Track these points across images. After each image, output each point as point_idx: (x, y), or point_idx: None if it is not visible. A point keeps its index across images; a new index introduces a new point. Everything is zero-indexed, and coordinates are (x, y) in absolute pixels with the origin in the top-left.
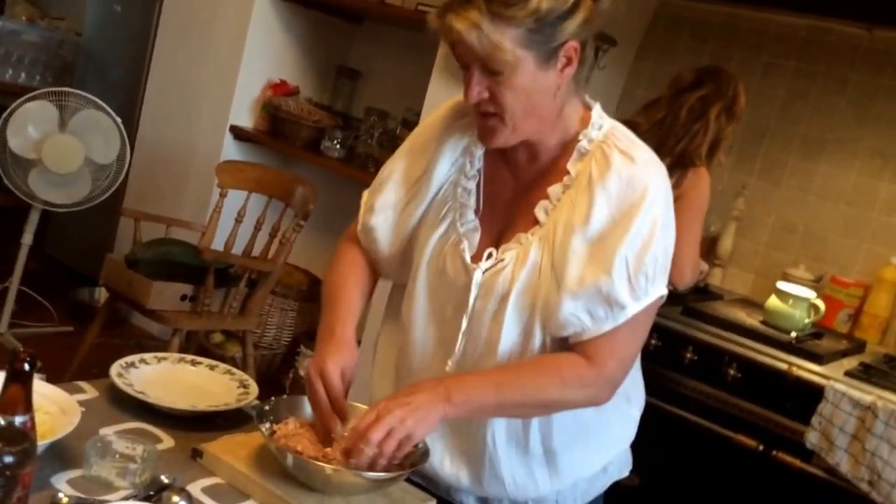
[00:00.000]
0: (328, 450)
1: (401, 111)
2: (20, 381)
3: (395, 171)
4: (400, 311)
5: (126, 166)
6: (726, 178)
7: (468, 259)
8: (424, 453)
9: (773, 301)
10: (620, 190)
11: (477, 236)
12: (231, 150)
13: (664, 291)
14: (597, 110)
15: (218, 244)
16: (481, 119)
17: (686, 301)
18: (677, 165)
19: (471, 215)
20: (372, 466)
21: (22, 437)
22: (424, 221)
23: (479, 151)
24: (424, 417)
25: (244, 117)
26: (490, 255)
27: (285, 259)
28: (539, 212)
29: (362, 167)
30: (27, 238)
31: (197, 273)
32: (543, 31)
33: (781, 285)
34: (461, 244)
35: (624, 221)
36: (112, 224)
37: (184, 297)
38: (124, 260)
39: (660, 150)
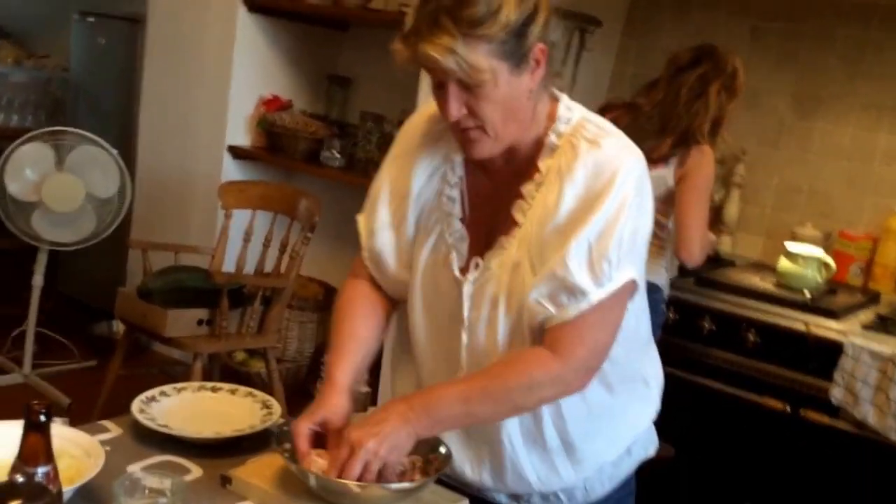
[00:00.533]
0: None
1: (396, 113)
2: (38, 431)
3: (381, 189)
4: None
5: (128, 198)
6: (724, 146)
7: (457, 272)
8: (447, 457)
9: (783, 263)
10: (587, 177)
11: (465, 245)
12: (231, 170)
13: (632, 276)
14: (564, 102)
15: (228, 265)
16: (462, 133)
17: (699, 271)
18: (681, 144)
19: (457, 224)
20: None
21: (42, 492)
22: (417, 235)
23: (459, 157)
24: (395, 444)
25: (241, 136)
26: (477, 265)
27: (297, 273)
28: (517, 213)
29: (364, 173)
30: (38, 280)
31: (210, 296)
32: (513, 40)
33: (790, 246)
34: (450, 256)
35: (589, 207)
36: (122, 256)
37: (200, 322)
38: (136, 292)
39: (664, 130)
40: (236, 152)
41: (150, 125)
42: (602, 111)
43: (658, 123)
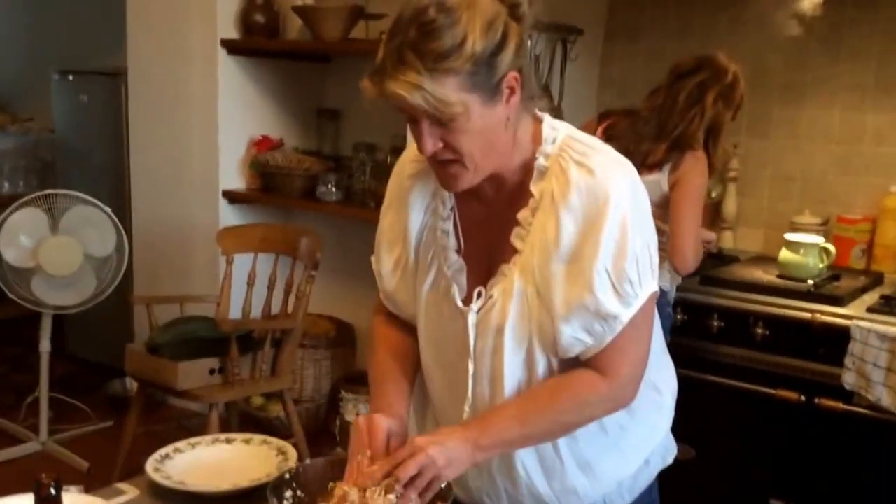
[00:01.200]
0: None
1: (387, 140)
2: None
3: (383, 233)
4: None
5: (126, 254)
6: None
7: (459, 303)
8: (449, 487)
9: (784, 253)
10: (583, 203)
11: (464, 277)
12: (228, 214)
13: (655, 287)
14: (547, 122)
15: (235, 311)
16: (440, 167)
17: (703, 270)
18: (675, 149)
19: (454, 256)
20: None
21: None
22: (417, 272)
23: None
24: (455, 459)
25: (234, 180)
26: (480, 295)
27: (305, 312)
28: (515, 240)
29: (362, 204)
30: (45, 345)
31: (220, 345)
32: (482, 71)
33: (790, 236)
34: (451, 288)
35: (593, 234)
36: (128, 312)
37: (212, 371)
38: (145, 347)
39: (660, 134)
40: (232, 196)
41: (141, 178)
42: (601, 117)
43: (655, 128)
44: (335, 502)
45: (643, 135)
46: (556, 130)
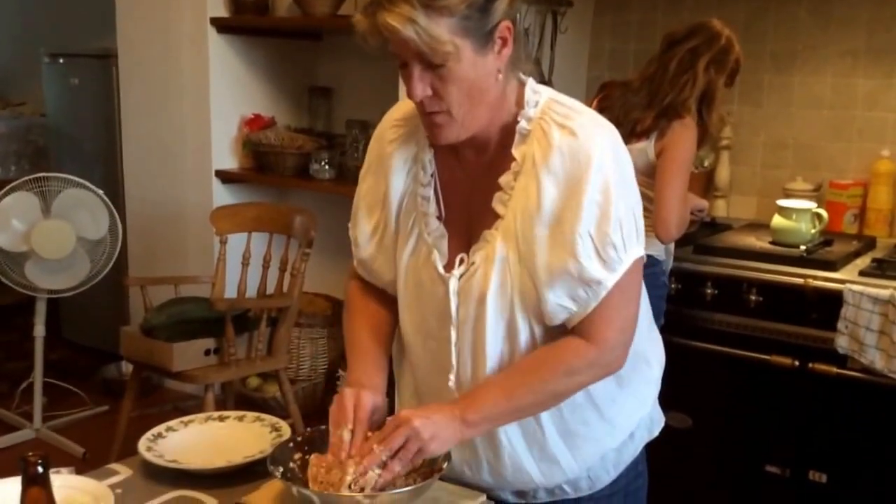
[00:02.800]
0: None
1: (380, 117)
2: (38, 484)
3: (361, 199)
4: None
5: (120, 236)
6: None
7: (441, 269)
8: (447, 457)
9: (777, 219)
10: (565, 166)
11: (445, 243)
12: (222, 194)
13: (641, 253)
14: (530, 85)
15: (230, 291)
16: (428, 118)
17: (696, 238)
18: (663, 116)
19: (434, 223)
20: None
21: None
22: (397, 238)
23: (429, 156)
24: (441, 433)
25: (227, 160)
26: (462, 261)
27: (300, 290)
28: (497, 205)
29: (355, 181)
30: (39, 330)
31: (215, 325)
32: (476, 15)
33: (782, 202)
34: (432, 254)
35: (575, 197)
36: (122, 295)
37: (208, 352)
38: (140, 329)
39: (650, 103)
40: (225, 176)
41: (134, 160)
42: (601, 89)
43: (645, 97)
44: (313, 473)
45: (633, 104)
46: (539, 94)
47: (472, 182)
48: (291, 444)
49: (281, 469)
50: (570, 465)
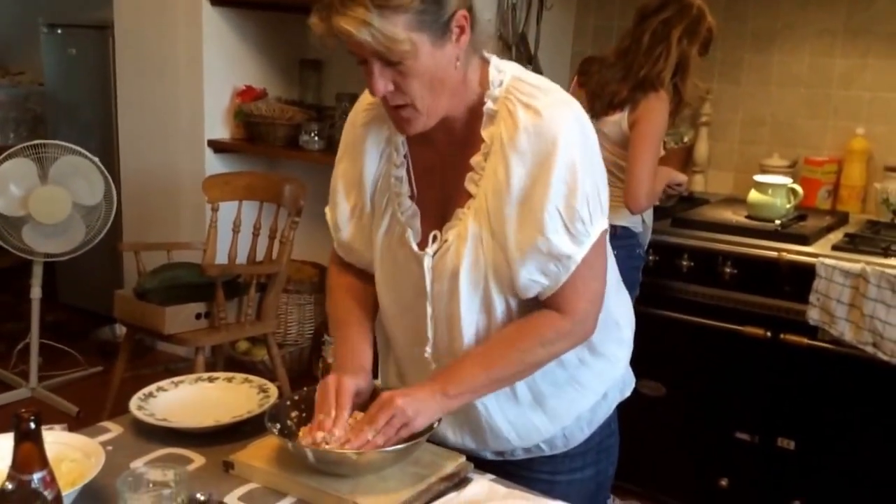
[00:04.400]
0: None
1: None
2: (30, 439)
3: (338, 182)
4: None
5: (115, 203)
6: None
7: (415, 247)
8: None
9: (753, 194)
10: (531, 146)
11: (417, 221)
12: (213, 164)
13: (605, 225)
14: (494, 64)
15: (221, 257)
16: (393, 111)
17: (674, 212)
18: (638, 89)
19: (407, 202)
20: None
21: (34, 496)
22: (373, 218)
23: (401, 138)
24: (423, 409)
25: (219, 130)
26: (435, 238)
27: (289, 257)
28: (469, 184)
29: None
30: (36, 292)
31: (206, 290)
32: (431, 9)
33: (758, 177)
34: (406, 233)
35: (543, 176)
36: (117, 260)
37: (199, 316)
38: (133, 293)
39: (626, 76)
40: (217, 146)
41: (129, 129)
42: (582, 64)
43: (621, 71)
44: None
45: (609, 77)
46: (503, 73)
47: (443, 162)
48: (289, 403)
49: (278, 426)
50: (546, 427)
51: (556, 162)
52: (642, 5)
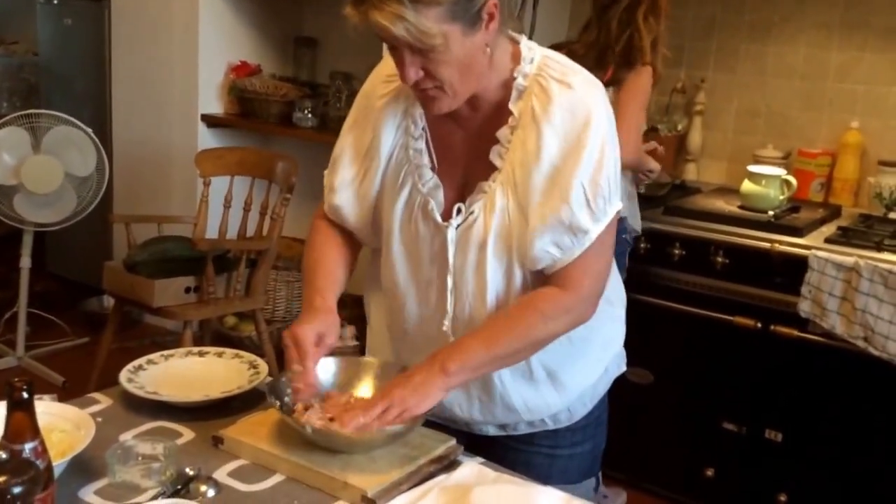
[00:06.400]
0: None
1: (363, 70)
2: (22, 409)
3: (345, 148)
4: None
5: (106, 174)
6: (684, 76)
7: (439, 218)
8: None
9: (746, 184)
10: (565, 120)
11: (440, 193)
12: (206, 138)
13: (620, 205)
14: (524, 43)
15: (211, 232)
16: (421, 93)
17: (666, 200)
18: (623, 65)
19: (429, 174)
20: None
21: (27, 467)
22: (384, 190)
23: (419, 110)
24: (425, 395)
25: (213, 104)
26: (459, 210)
27: (279, 234)
28: (494, 157)
29: (337, 131)
30: (25, 261)
31: (196, 264)
32: (463, 1)
33: (752, 168)
34: (429, 205)
35: (575, 150)
36: (107, 232)
37: (188, 290)
38: (123, 265)
39: (601, 62)
40: (210, 121)
41: (123, 101)
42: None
43: (593, 60)
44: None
45: (585, 66)
46: (533, 51)
47: (466, 135)
48: (284, 379)
49: (278, 403)
50: (555, 402)
51: (588, 138)
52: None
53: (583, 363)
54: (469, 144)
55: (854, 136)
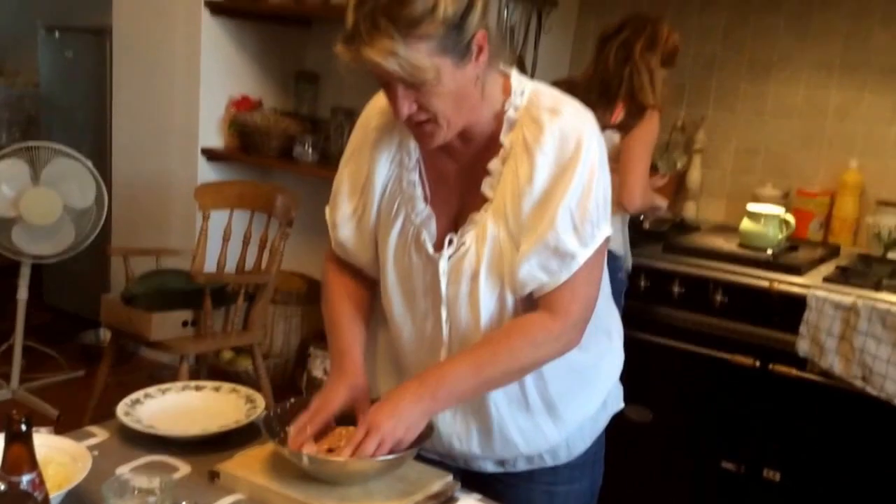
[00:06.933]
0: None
1: (364, 105)
2: (20, 441)
3: (342, 183)
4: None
5: (105, 207)
6: (684, 114)
7: (431, 249)
8: (430, 427)
9: (745, 223)
10: (556, 147)
11: (433, 224)
12: (206, 171)
13: (609, 231)
14: (515, 77)
15: (210, 265)
16: (415, 127)
17: (666, 238)
18: (634, 112)
19: (422, 205)
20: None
21: (25, 498)
22: (380, 222)
23: (413, 142)
24: (411, 423)
25: (213, 138)
26: (451, 241)
27: (278, 268)
28: (485, 188)
29: (337, 166)
30: (23, 293)
31: (194, 297)
32: (453, 34)
33: (751, 206)
34: (421, 236)
35: (564, 176)
36: (105, 264)
37: (185, 323)
38: (120, 297)
39: (604, 96)
40: (210, 154)
41: (123, 133)
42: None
43: (596, 93)
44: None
45: (588, 101)
46: (524, 84)
47: (458, 167)
48: (279, 412)
49: (273, 433)
50: (553, 434)
51: (577, 165)
52: (601, 32)
53: (581, 395)
54: (461, 176)
55: (853, 176)
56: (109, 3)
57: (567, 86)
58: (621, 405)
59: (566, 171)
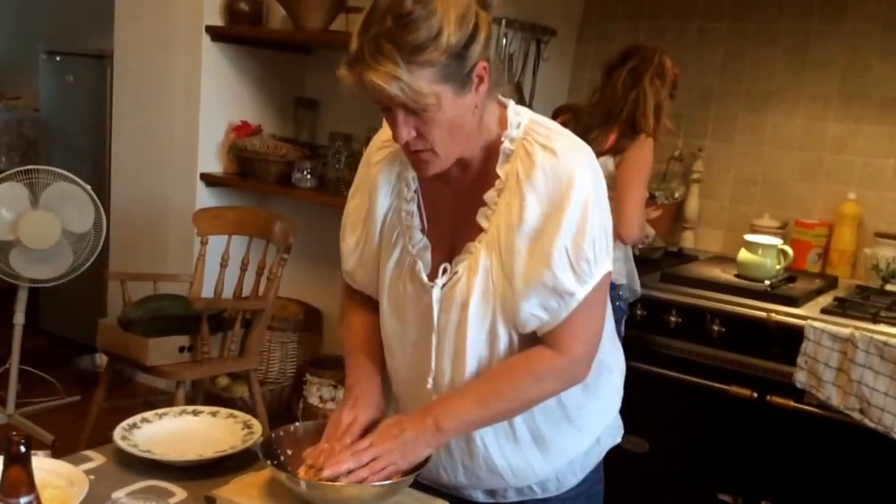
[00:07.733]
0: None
1: (363, 131)
2: (19, 463)
3: (349, 215)
4: None
5: (104, 231)
6: (682, 144)
7: (425, 278)
8: (426, 456)
9: (743, 254)
10: (547, 185)
11: (428, 254)
12: (205, 197)
13: (610, 267)
14: (511, 108)
15: (207, 291)
16: (413, 155)
17: (663, 267)
18: (628, 133)
19: (419, 235)
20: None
21: None
22: (380, 252)
23: (412, 173)
24: (412, 451)
25: (212, 163)
26: (445, 270)
27: (275, 294)
28: (481, 219)
29: (335, 192)
30: (19, 318)
31: (191, 323)
32: (454, 63)
33: (749, 237)
34: (416, 265)
35: (556, 214)
36: (102, 289)
37: (182, 349)
38: (117, 322)
39: (607, 120)
40: (209, 179)
41: (122, 158)
42: (554, 115)
43: (601, 117)
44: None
45: (590, 125)
46: (520, 115)
47: (455, 198)
48: (275, 437)
49: (271, 459)
50: (542, 467)
51: (569, 202)
52: (607, 60)
53: (573, 431)
54: (458, 206)
55: (851, 208)
56: (111, 29)
57: (572, 112)
58: (618, 440)
59: (558, 210)
